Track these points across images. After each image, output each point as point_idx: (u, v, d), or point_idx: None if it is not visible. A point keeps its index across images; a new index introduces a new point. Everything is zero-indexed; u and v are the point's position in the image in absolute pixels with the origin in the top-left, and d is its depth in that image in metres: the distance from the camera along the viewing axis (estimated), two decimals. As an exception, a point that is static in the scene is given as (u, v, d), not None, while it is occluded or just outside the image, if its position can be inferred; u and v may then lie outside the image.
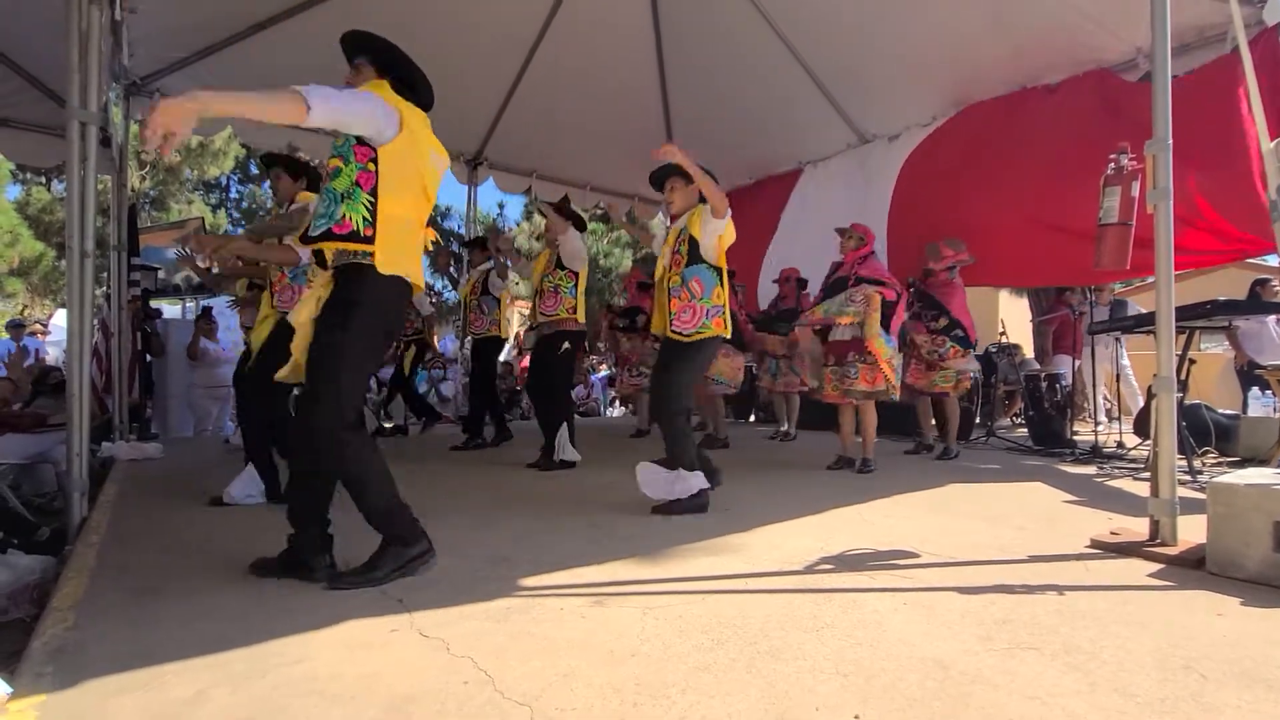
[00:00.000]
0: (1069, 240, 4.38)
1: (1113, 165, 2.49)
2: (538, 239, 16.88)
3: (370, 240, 1.95)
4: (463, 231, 7.21)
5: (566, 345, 4.20)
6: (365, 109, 1.95)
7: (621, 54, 6.15)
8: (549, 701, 1.33)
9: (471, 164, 7.30)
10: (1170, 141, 2.32)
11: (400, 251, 2.02)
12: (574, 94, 6.47)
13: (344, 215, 1.95)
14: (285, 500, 2.13)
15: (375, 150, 1.98)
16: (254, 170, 23.20)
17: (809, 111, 6.29)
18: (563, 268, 4.22)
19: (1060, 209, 4.53)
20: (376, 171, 1.98)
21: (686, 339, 3.01)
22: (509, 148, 7.17)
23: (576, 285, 4.24)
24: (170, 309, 9.01)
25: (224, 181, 22.52)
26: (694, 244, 3.01)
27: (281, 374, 2.13)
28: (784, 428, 5.78)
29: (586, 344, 6.59)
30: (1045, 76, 5.02)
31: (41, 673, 1.45)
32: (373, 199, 1.97)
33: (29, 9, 4.32)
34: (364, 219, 1.95)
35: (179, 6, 4.73)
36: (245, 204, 23.51)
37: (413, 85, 2.19)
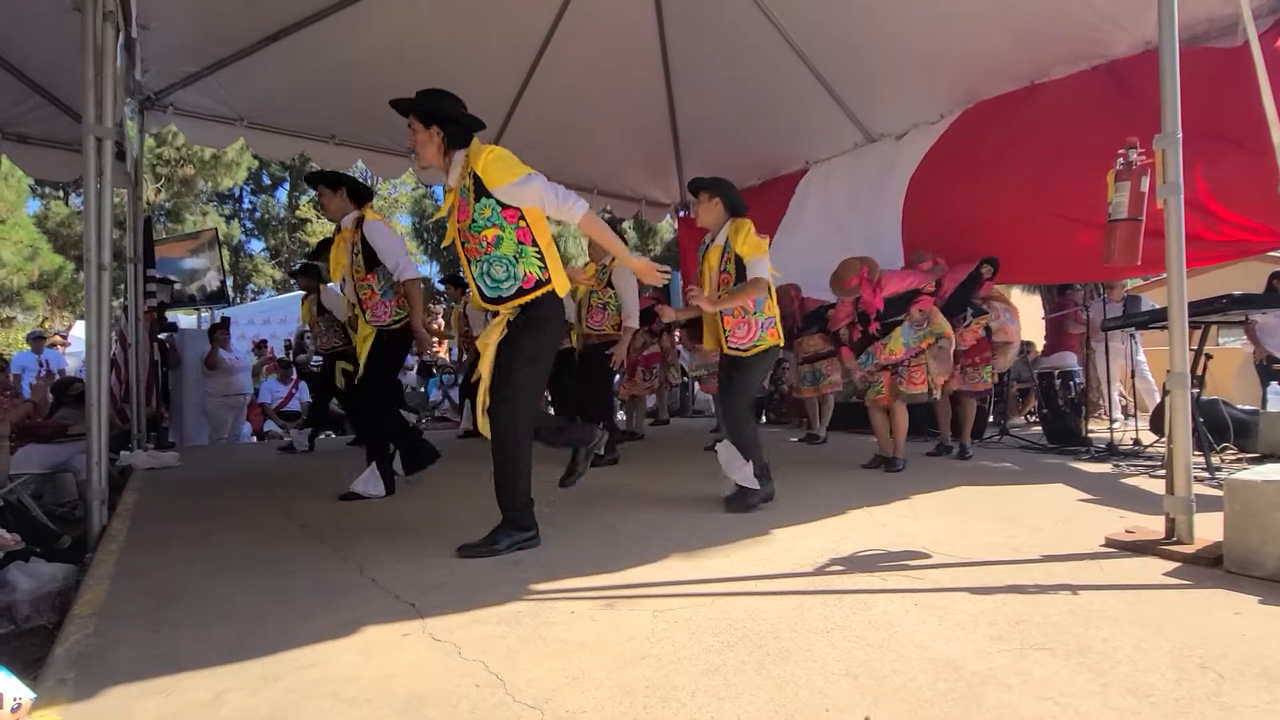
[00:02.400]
0: (1087, 234, 4.34)
1: (1121, 160, 2.47)
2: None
3: (549, 280, 2.37)
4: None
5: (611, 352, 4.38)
6: (555, 187, 2.39)
7: (626, 58, 6.17)
8: (560, 704, 1.34)
9: (480, 170, 7.35)
10: (1180, 135, 2.30)
11: (562, 276, 2.41)
12: (580, 99, 6.50)
13: (525, 273, 2.35)
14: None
15: (520, 208, 2.34)
16: (266, 181, 23.52)
17: (815, 111, 6.27)
18: (612, 286, 4.35)
19: (1076, 203, 4.47)
20: (528, 225, 2.36)
21: (745, 353, 3.09)
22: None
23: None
24: (186, 319, 9.13)
25: (237, 193, 22.84)
26: (739, 262, 3.05)
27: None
28: (814, 430, 5.70)
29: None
30: (1053, 71, 4.98)
31: (64, 678, 1.48)
32: (536, 248, 2.36)
33: (47, 28, 4.41)
34: (539, 267, 2.36)
35: (190, 22, 4.80)
36: (258, 214, 23.82)
37: (477, 129, 2.52)
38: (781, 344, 3.19)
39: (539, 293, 2.35)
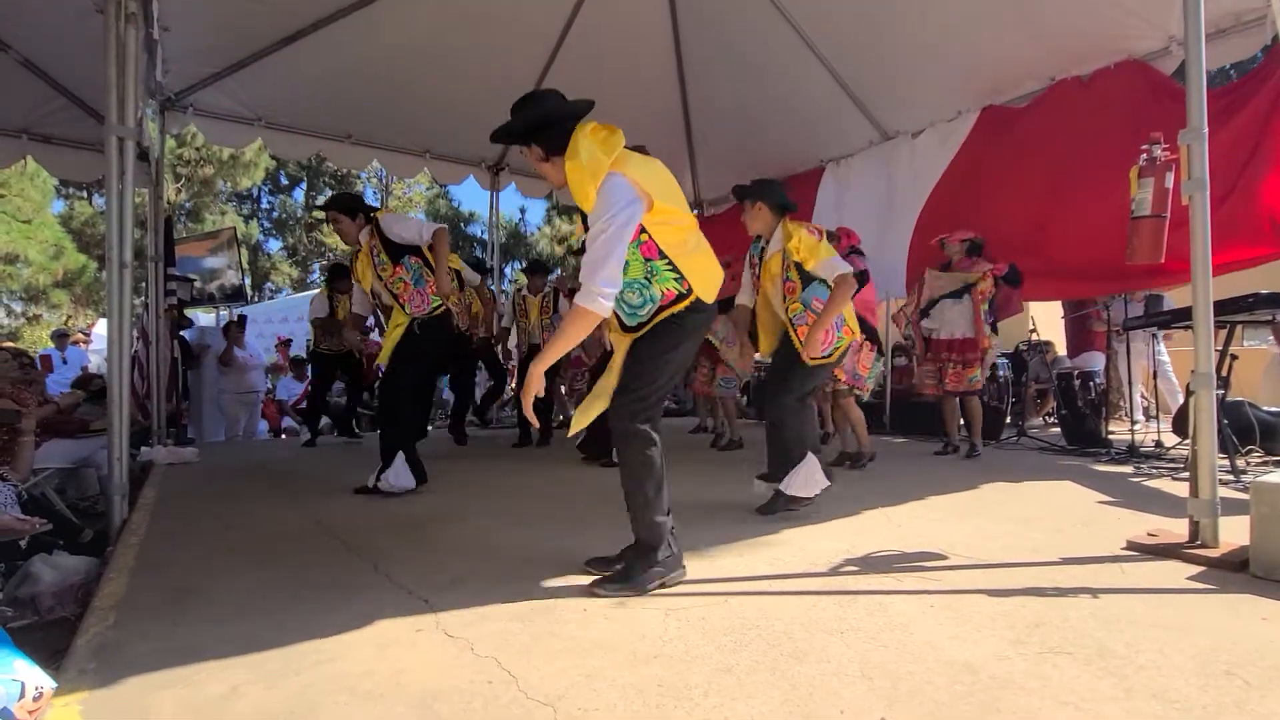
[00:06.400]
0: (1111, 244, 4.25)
1: (1145, 156, 2.43)
2: (559, 243, 16.99)
3: (690, 291, 2.03)
4: (485, 238, 7.29)
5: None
6: (625, 234, 1.89)
7: (640, 57, 6.17)
8: (572, 702, 1.33)
9: (493, 170, 7.39)
10: (1205, 130, 2.25)
11: (707, 276, 2.08)
12: (595, 98, 6.47)
13: (662, 292, 2.03)
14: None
15: (640, 223, 1.97)
16: (284, 181, 23.82)
17: (830, 109, 6.23)
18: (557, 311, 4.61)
19: (1101, 208, 4.38)
20: (651, 236, 1.99)
21: (829, 360, 2.98)
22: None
23: None
24: (205, 317, 9.26)
25: (255, 193, 23.16)
26: (801, 268, 2.94)
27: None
28: (828, 429, 5.65)
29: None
30: (1074, 68, 4.89)
31: (85, 669, 1.51)
32: (667, 259, 2.01)
33: (70, 31, 4.49)
34: (675, 279, 2.02)
35: (209, 24, 4.88)
36: (276, 213, 24.12)
37: (579, 115, 2.09)
38: (857, 335, 3.05)
39: (680, 306, 2.04)
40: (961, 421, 4.79)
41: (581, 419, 2.12)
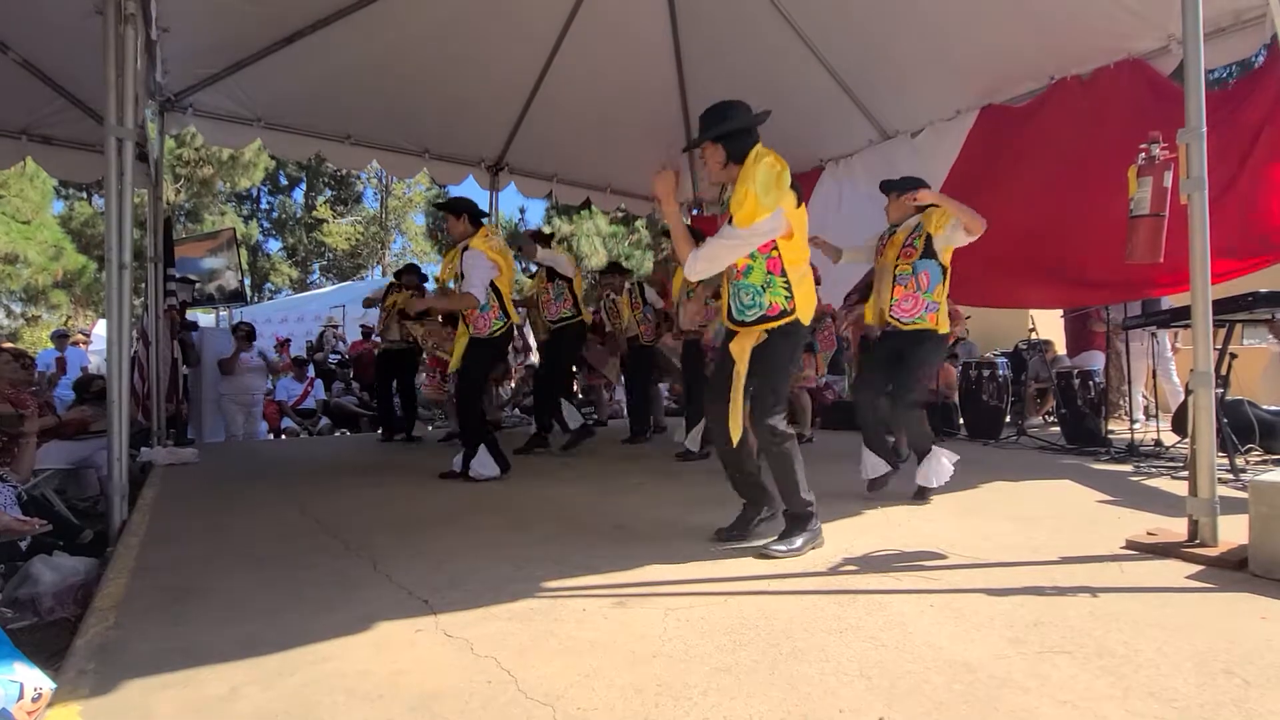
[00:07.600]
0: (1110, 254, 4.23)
1: (1143, 155, 2.43)
2: (559, 243, 17.01)
3: (793, 310, 2.35)
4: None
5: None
6: (735, 251, 2.33)
7: (640, 56, 6.16)
8: (571, 701, 1.34)
9: (493, 170, 7.38)
10: (1204, 130, 2.25)
11: (810, 302, 2.40)
12: (593, 98, 6.49)
13: (770, 302, 2.35)
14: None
15: (774, 240, 2.31)
16: (283, 181, 23.81)
17: (829, 108, 6.21)
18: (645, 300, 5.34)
19: (1102, 214, 4.36)
20: (780, 253, 2.32)
21: (904, 326, 3.11)
22: (530, 153, 7.23)
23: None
24: (204, 318, 9.26)
25: (254, 193, 23.16)
26: (929, 239, 3.08)
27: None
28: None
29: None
30: (1074, 68, 4.89)
31: (84, 670, 1.51)
32: (785, 279, 2.33)
33: (70, 32, 4.48)
34: (785, 297, 2.35)
35: (209, 24, 4.86)
36: (275, 214, 24.13)
37: (751, 129, 2.52)
38: (944, 331, 3.14)
39: (781, 322, 2.35)
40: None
41: (735, 430, 2.41)
